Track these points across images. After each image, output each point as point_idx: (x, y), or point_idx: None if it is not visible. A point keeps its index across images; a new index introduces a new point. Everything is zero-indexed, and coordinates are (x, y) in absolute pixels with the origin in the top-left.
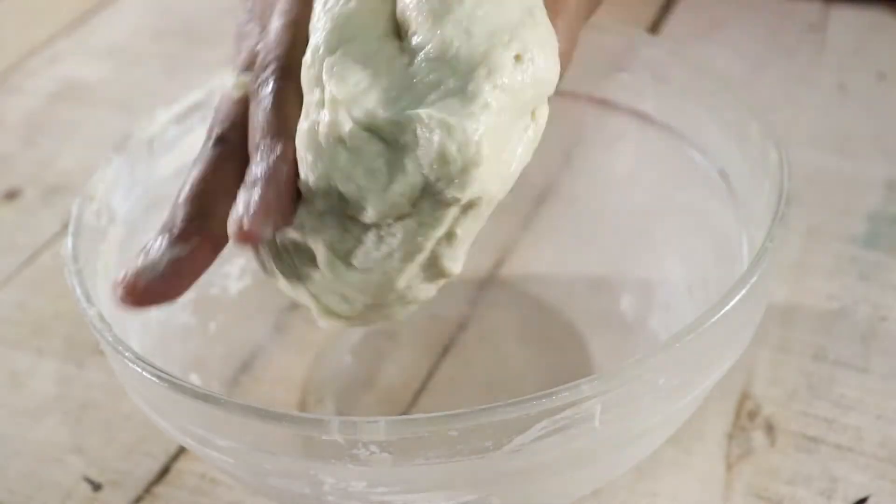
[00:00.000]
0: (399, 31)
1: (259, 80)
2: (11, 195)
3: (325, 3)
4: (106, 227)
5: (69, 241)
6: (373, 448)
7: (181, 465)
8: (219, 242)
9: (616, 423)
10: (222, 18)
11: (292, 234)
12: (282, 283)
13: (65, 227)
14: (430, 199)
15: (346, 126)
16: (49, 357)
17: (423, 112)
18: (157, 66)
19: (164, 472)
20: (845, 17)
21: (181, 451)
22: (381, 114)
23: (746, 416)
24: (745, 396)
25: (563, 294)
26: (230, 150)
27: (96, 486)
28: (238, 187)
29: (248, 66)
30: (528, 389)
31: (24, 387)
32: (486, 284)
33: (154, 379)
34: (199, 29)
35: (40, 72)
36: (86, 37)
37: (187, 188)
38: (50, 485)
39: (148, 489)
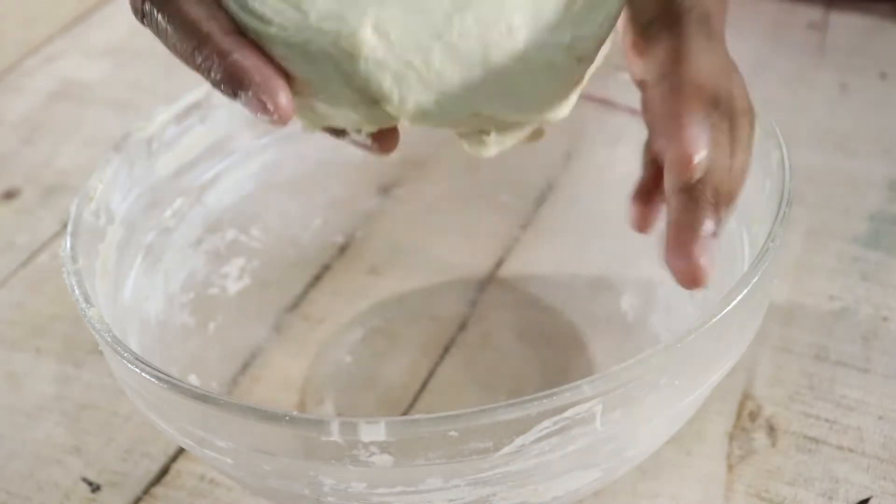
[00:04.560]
0: None
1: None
2: (10, 195)
3: None
4: (104, 227)
5: (67, 240)
6: (373, 449)
7: (180, 466)
8: None
9: (617, 423)
10: None
11: None
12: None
13: (63, 226)
14: None
15: None
16: (47, 357)
17: None
18: (155, 65)
19: (163, 473)
20: (846, 17)
21: (180, 452)
22: None
23: (748, 416)
24: (746, 397)
25: (563, 294)
26: None
27: (95, 487)
28: None
29: None
30: (529, 390)
31: (22, 387)
32: (486, 284)
33: (153, 380)
34: None
35: (39, 71)
36: (84, 36)
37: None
38: (48, 486)
39: (147, 490)
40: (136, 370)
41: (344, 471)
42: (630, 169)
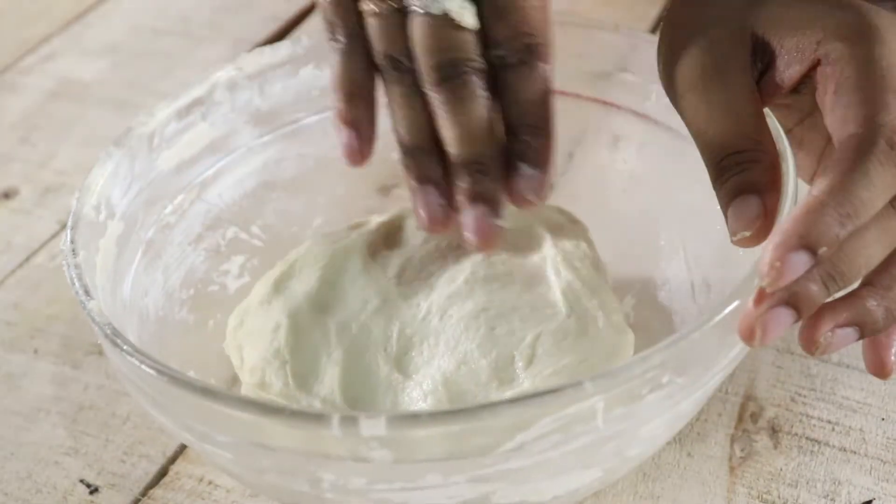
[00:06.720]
0: None
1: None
2: (7, 195)
3: None
4: (105, 222)
5: (67, 234)
6: (373, 444)
7: (179, 467)
8: None
9: (619, 422)
10: (219, 16)
11: None
12: None
13: (61, 227)
14: None
15: None
16: (45, 358)
17: None
18: (153, 64)
19: (162, 474)
20: None
21: (178, 453)
22: None
23: (749, 418)
24: (747, 398)
25: None
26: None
27: (93, 489)
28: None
29: None
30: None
31: (20, 388)
32: None
33: (153, 372)
34: (196, 27)
35: (37, 70)
36: (82, 35)
37: None
38: (47, 487)
39: (145, 492)
40: (136, 363)
41: (344, 466)
42: (631, 169)
